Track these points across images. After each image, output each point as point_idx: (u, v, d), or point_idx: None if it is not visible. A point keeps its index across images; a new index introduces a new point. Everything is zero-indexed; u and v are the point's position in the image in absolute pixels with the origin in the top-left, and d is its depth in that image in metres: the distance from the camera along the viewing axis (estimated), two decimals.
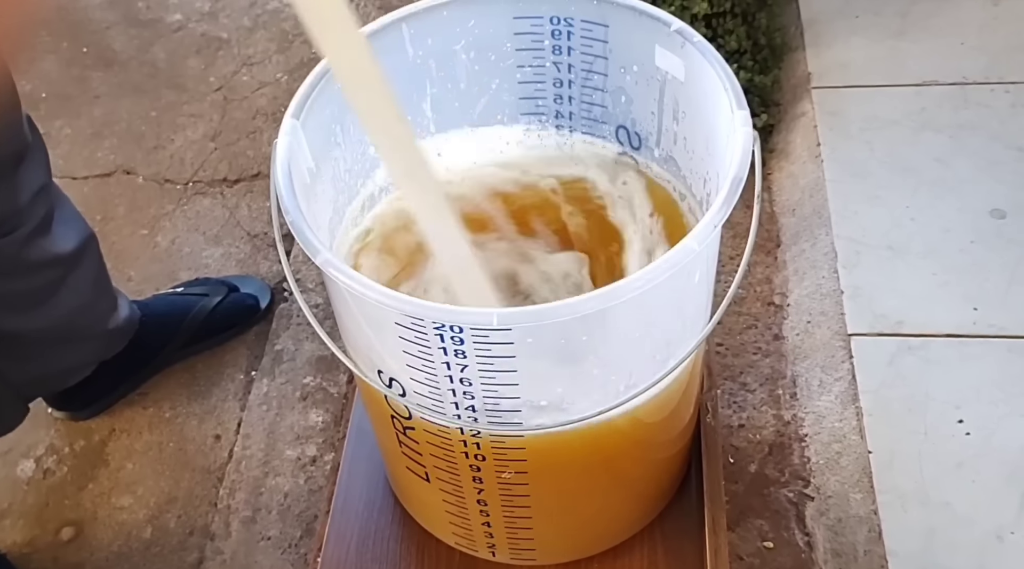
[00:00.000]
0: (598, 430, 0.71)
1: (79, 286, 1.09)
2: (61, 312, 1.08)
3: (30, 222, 1.00)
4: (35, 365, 1.13)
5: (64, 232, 1.05)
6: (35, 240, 1.01)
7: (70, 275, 1.07)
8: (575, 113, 0.87)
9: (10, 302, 1.04)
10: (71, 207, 1.09)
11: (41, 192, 1.01)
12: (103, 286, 1.16)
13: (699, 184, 0.79)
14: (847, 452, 1.15)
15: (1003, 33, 1.55)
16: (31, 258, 1.02)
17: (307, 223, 0.64)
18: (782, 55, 1.59)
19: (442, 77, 0.82)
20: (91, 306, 1.14)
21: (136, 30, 1.83)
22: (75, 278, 1.08)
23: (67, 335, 1.13)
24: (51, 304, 1.06)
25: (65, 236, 1.06)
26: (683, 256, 0.60)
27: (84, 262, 1.09)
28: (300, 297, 0.68)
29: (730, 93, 0.70)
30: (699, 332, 0.72)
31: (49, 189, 1.03)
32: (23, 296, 1.04)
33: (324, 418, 1.27)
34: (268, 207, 1.54)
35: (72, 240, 1.07)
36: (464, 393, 0.66)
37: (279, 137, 0.69)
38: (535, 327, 0.60)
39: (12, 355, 1.09)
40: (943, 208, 1.34)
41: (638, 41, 0.77)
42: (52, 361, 1.14)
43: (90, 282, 1.12)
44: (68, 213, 1.08)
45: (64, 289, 1.07)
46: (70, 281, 1.08)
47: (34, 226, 1.00)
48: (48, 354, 1.13)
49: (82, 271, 1.09)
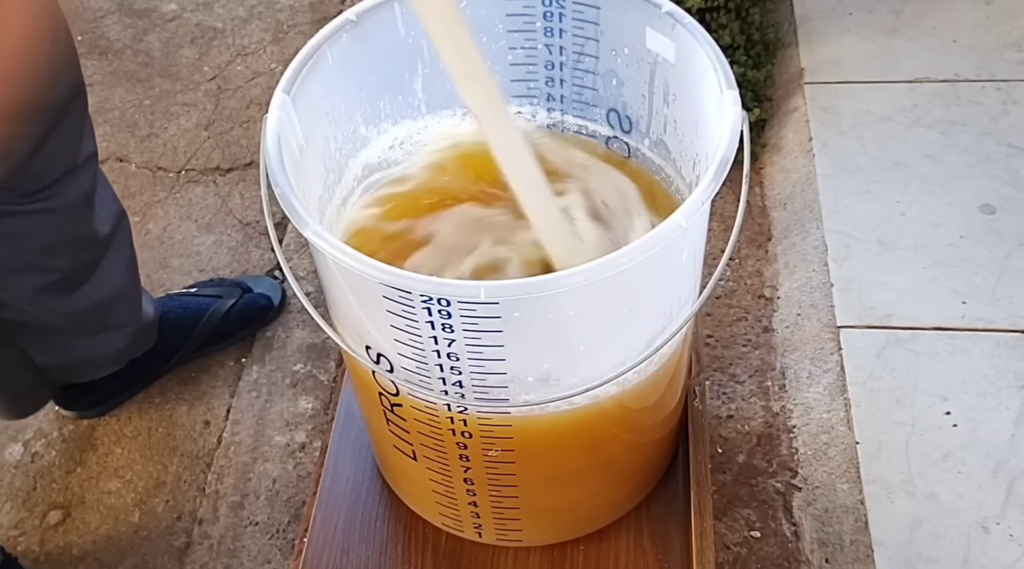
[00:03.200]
0: (585, 410, 0.71)
1: (113, 269, 1.10)
2: (96, 296, 1.08)
3: (80, 186, 1.00)
4: (63, 352, 1.13)
5: (103, 211, 1.06)
6: (82, 212, 1.02)
7: (105, 256, 1.08)
8: (566, 96, 0.87)
9: (51, 282, 1.04)
10: (108, 186, 1.09)
11: (90, 160, 1.01)
12: (134, 274, 1.16)
13: (688, 166, 0.80)
14: (835, 443, 1.15)
15: (995, 32, 1.56)
16: (75, 231, 1.03)
17: (296, 196, 0.64)
18: (775, 51, 1.59)
19: (434, 57, 0.82)
20: (124, 293, 1.14)
21: (131, 19, 1.83)
22: (109, 260, 1.09)
23: (97, 324, 1.13)
24: (88, 286, 1.07)
25: (104, 216, 1.06)
26: (671, 232, 0.61)
27: (118, 244, 1.10)
28: (291, 277, 0.68)
29: (719, 73, 0.70)
30: (687, 313, 0.72)
31: (95, 161, 1.03)
32: (64, 277, 1.04)
33: (314, 405, 1.27)
34: (260, 195, 1.54)
35: (108, 221, 1.07)
36: (451, 368, 0.66)
37: (269, 112, 0.69)
38: (522, 300, 0.60)
39: (42, 340, 1.09)
40: (933, 203, 1.34)
41: (629, 23, 0.78)
42: (79, 351, 1.14)
43: (123, 266, 1.12)
44: (106, 194, 1.08)
45: (100, 271, 1.08)
46: (105, 263, 1.08)
47: (83, 194, 1.01)
48: (76, 344, 1.13)
49: (116, 254, 1.10)
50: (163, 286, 1.41)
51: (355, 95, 0.80)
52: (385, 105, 0.83)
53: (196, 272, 1.43)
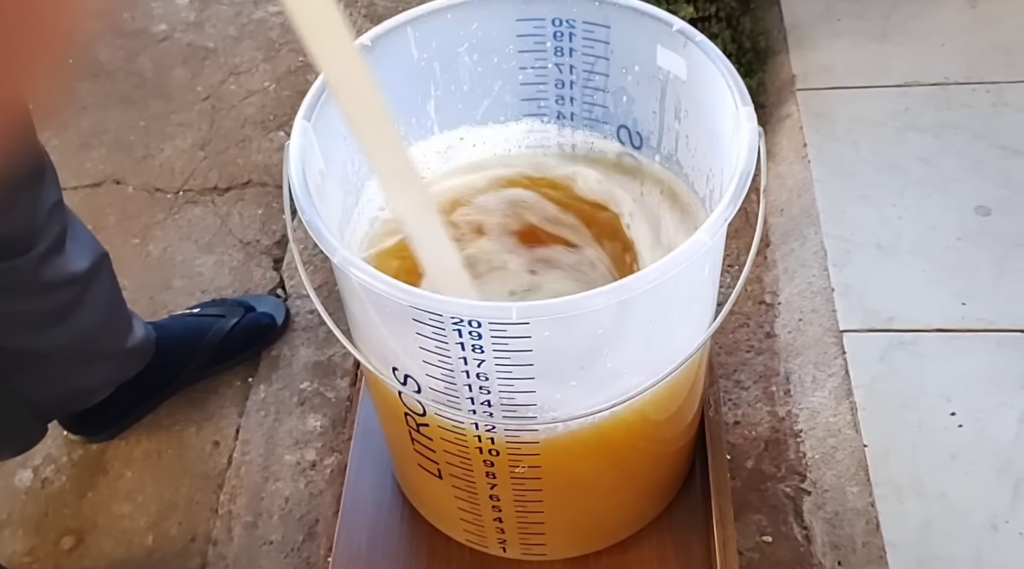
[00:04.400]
0: (610, 424, 0.72)
1: (94, 305, 1.09)
2: (78, 331, 1.07)
3: (45, 240, 0.99)
4: (53, 385, 1.12)
5: (77, 250, 1.05)
6: (50, 259, 1.01)
7: (85, 294, 1.07)
8: (576, 113, 0.88)
9: (27, 321, 1.03)
10: (82, 226, 1.08)
11: (55, 209, 1.00)
12: (117, 305, 1.15)
13: (701, 181, 0.81)
14: (842, 446, 1.16)
15: (982, 35, 1.58)
16: (47, 277, 1.01)
17: (323, 222, 0.64)
18: (766, 58, 1.61)
19: (446, 79, 0.83)
20: (107, 325, 1.13)
21: (122, 40, 1.83)
22: (90, 297, 1.07)
23: (85, 355, 1.12)
24: (68, 323, 1.06)
25: (79, 254, 1.05)
26: (696, 249, 0.62)
27: (98, 281, 1.09)
28: (315, 297, 0.69)
29: (734, 90, 0.71)
30: (708, 326, 0.73)
31: (62, 207, 1.02)
32: (40, 316, 1.04)
33: (322, 422, 1.27)
34: (260, 214, 1.55)
35: (85, 259, 1.06)
36: (480, 388, 0.67)
37: (291, 139, 0.70)
38: (552, 320, 0.61)
39: (30, 375, 1.08)
40: (929, 206, 1.36)
41: (640, 41, 0.79)
42: (70, 381, 1.13)
43: (104, 301, 1.11)
44: (80, 232, 1.07)
45: (80, 308, 1.06)
46: (86, 300, 1.07)
47: (49, 244, 0.99)
48: (66, 374, 1.12)
49: (97, 290, 1.08)
50: (166, 308, 1.41)
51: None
52: (400, 127, 0.84)
53: (198, 293, 1.44)
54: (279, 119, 1.68)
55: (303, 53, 1.81)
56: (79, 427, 1.25)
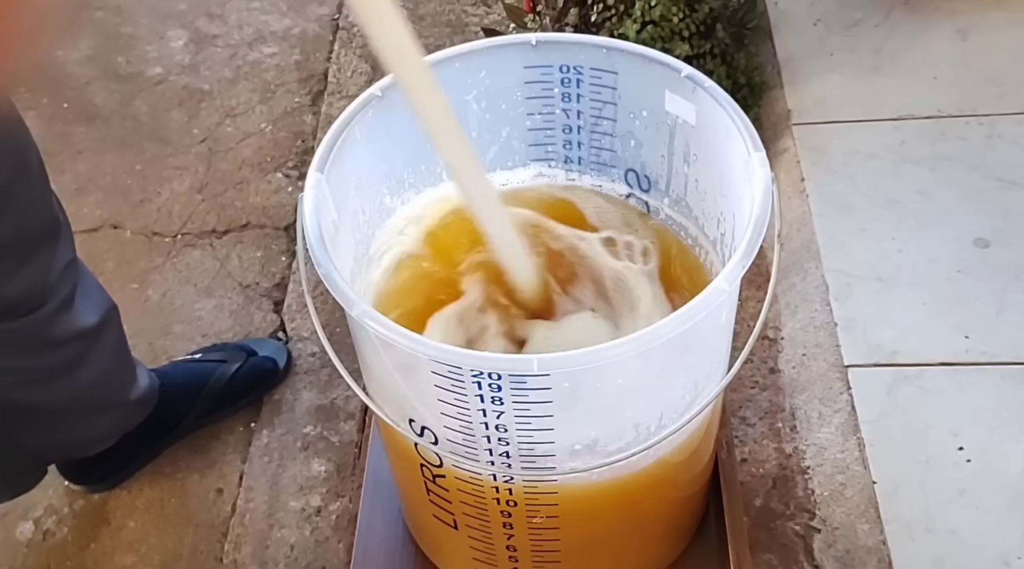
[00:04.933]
0: (629, 471, 0.72)
1: (101, 358, 1.07)
2: (82, 385, 1.06)
3: (56, 298, 0.98)
4: (54, 435, 1.11)
5: (87, 305, 1.04)
6: (60, 316, 1.00)
7: (93, 348, 1.06)
8: (584, 158, 0.88)
9: (32, 377, 1.02)
10: (93, 279, 1.08)
11: (68, 268, 0.99)
12: (123, 357, 1.14)
13: (712, 225, 0.81)
14: (851, 483, 1.16)
15: (973, 67, 1.60)
16: (55, 334, 1.00)
17: (340, 275, 0.64)
18: (761, 93, 1.62)
19: None
20: (112, 377, 1.12)
21: (117, 84, 1.83)
22: (97, 351, 1.06)
23: (89, 406, 1.11)
24: (73, 377, 1.05)
25: (88, 309, 1.04)
26: (716, 297, 0.62)
27: (106, 334, 1.08)
28: (331, 351, 0.69)
29: (745, 136, 0.71)
30: (724, 371, 0.73)
31: (75, 264, 1.02)
32: (46, 371, 1.02)
33: (327, 467, 1.26)
34: (259, 257, 1.54)
35: (95, 313, 1.05)
36: (499, 439, 0.66)
37: (305, 190, 0.70)
38: (573, 372, 0.61)
39: (31, 426, 1.07)
40: (928, 239, 1.37)
41: (648, 87, 0.79)
42: (74, 432, 1.12)
43: (111, 354, 1.10)
44: (90, 285, 1.06)
45: (86, 362, 1.05)
46: (92, 353, 1.06)
47: (59, 302, 0.99)
48: (69, 425, 1.11)
49: (104, 343, 1.07)
50: (166, 353, 1.40)
51: (381, 167, 0.81)
52: (409, 175, 0.84)
53: (199, 337, 1.43)
54: (276, 161, 1.68)
55: (299, 94, 1.81)
56: (80, 477, 1.24)
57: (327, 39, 1.89)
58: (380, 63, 0.63)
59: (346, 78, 1.81)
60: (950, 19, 1.66)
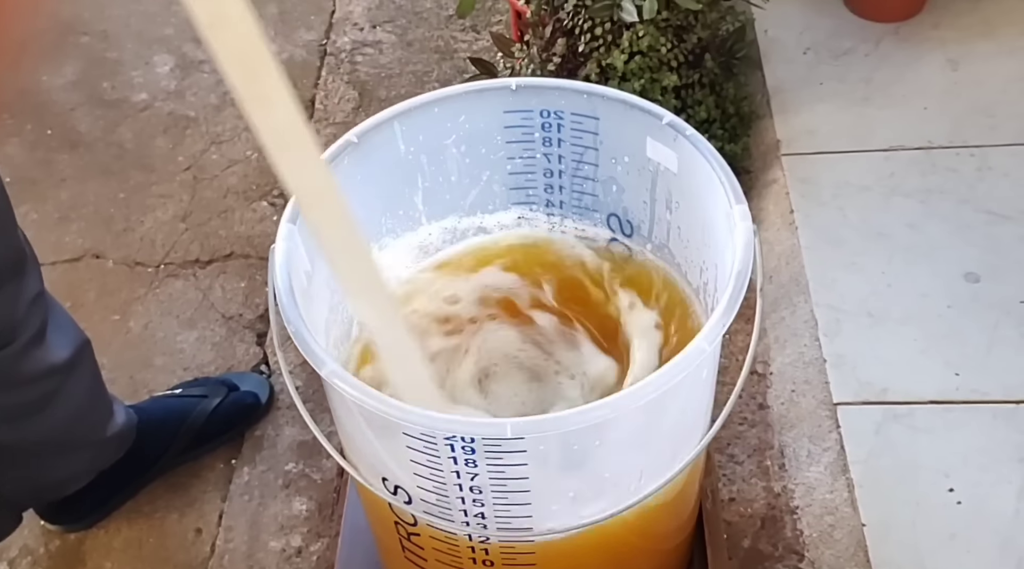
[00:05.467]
0: (608, 530, 0.70)
1: (74, 395, 1.06)
2: (56, 422, 1.04)
3: (25, 333, 0.96)
4: (29, 475, 1.09)
5: (58, 340, 1.02)
6: (30, 351, 0.98)
7: (65, 384, 1.04)
8: (566, 201, 0.87)
9: (3, 415, 1.00)
10: (64, 313, 1.06)
11: (36, 301, 0.97)
12: (98, 393, 1.12)
13: (695, 272, 0.80)
14: (840, 525, 1.14)
15: (963, 98, 1.59)
16: (26, 370, 0.98)
17: (310, 333, 0.63)
18: (750, 123, 1.61)
19: (433, 171, 0.82)
20: (86, 414, 1.10)
21: (102, 111, 1.81)
22: (70, 386, 1.04)
23: (62, 445, 1.09)
24: (45, 414, 1.03)
25: (60, 344, 1.02)
26: (695, 357, 0.60)
27: (79, 370, 1.06)
28: (302, 407, 0.67)
29: (726, 186, 0.70)
30: (707, 425, 0.71)
31: (43, 297, 1.00)
32: (17, 408, 1.01)
33: (308, 506, 1.24)
34: (243, 287, 1.52)
35: (67, 348, 1.03)
36: (474, 501, 0.65)
37: (276, 243, 0.68)
38: (548, 435, 0.59)
39: (5, 465, 1.05)
40: (918, 273, 1.35)
41: (629, 133, 0.78)
42: (47, 471, 1.10)
43: (85, 390, 1.08)
44: (61, 320, 1.04)
45: (59, 398, 1.03)
46: (65, 390, 1.04)
47: (29, 337, 0.97)
48: (43, 464, 1.09)
49: (77, 379, 1.06)
50: (147, 387, 1.38)
51: (357, 214, 0.79)
52: (387, 220, 0.83)
53: (180, 370, 1.41)
54: (262, 189, 1.66)
55: None
56: (56, 517, 1.22)
57: (314, 65, 1.88)
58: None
59: (333, 104, 1.80)
60: (940, 49, 1.65)
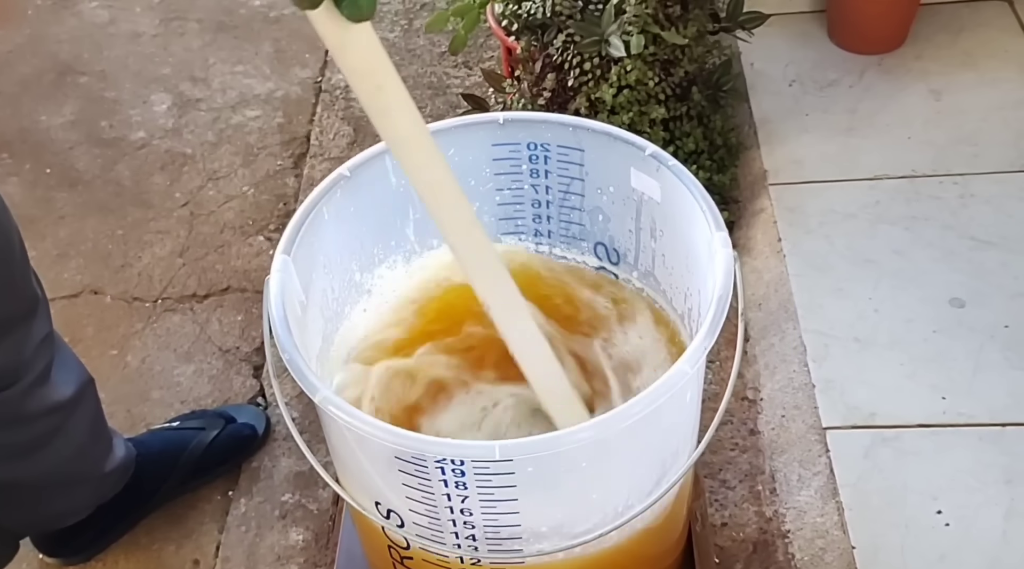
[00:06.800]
0: (598, 548, 0.71)
1: (76, 431, 1.07)
2: (57, 458, 1.06)
3: (32, 373, 0.98)
4: (29, 510, 1.10)
5: (63, 378, 1.03)
6: (34, 390, 0.99)
7: (67, 421, 1.05)
8: (554, 231, 0.89)
9: (7, 452, 1.01)
10: (69, 352, 1.07)
11: (44, 342, 0.99)
12: (99, 429, 1.14)
13: (680, 298, 0.82)
14: (831, 548, 1.15)
15: (946, 127, 1.62)
16: (30, 409, 1.00)
17: (304, 361, 0.64)
18: (738, 154, 1.64)
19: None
20: (87, 450, 1.11)
21: (99, 149, 1.84)
22: (72, 423, 1.06)
23: (63, 480, 1.10)
24: (48, 451, 1.04)
25: (64, 382, 1.04)
26: (678, 379, 0.62)
27: (81, 407, 1.07)
28: (299, 438, 0.69)
29: (707, 214, 0.72)
30: (692, 448, 0.73)
31: (51, 338, 1.02)
32: (19, 446, 1.02)
33: (305, 536, 1.25)
34: (239, 321, 1.54)
35: (70, 386, 1.05)
36: (465, 523, 0.66)
37: (271, 274, 0.70)
38: (536, 457, 0.61)
39: (6, 500, 1.06)
40: (904, 299, 1.37)
41: (614, 164, 0.80)
42: (45, 506, 1.11)
43: (87, 426, 1.10)
44: (66, 358, 1.06)
45: (61, 435, 1.05)
46: (67, 427, 1.05)
47: (35, 376, 0.98)
48: (43, 499, 1.10)
49: (80, 416, 1.07)
50: (144, 420, 1.40)
51: (350, 245, 0.81)
52: (379, 251, 0.85)
53: (177, 404, 1.42)
54: (258, 224, 1.69)
55: (281, 157, 1.82)
56: (54, 549, 1.23)
57: (310, 102, 1.91)
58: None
59: (328, 140, 1.82)
60: (923, 79, 1.68)
